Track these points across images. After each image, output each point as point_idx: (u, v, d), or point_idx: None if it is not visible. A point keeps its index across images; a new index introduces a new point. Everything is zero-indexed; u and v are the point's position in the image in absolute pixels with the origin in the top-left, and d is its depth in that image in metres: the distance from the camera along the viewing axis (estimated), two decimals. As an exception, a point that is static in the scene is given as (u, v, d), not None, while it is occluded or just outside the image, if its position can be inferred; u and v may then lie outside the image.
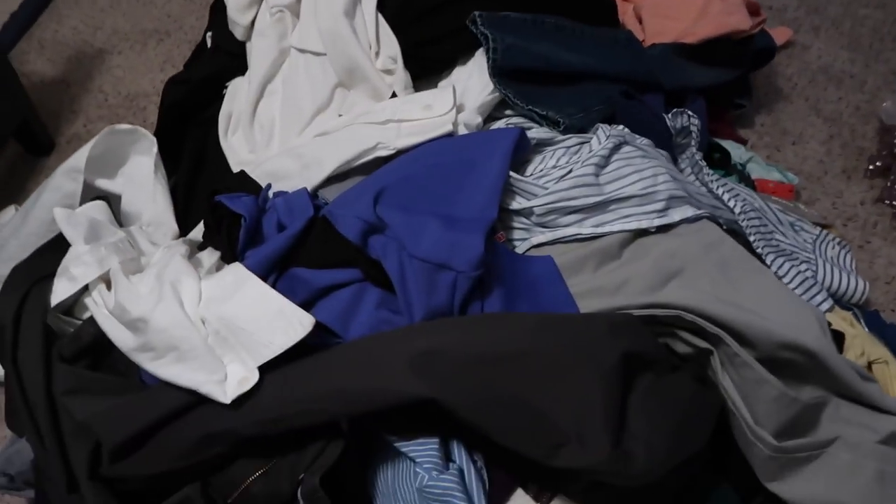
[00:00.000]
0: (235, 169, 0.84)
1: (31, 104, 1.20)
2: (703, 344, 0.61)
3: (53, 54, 1.48)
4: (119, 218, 0.89)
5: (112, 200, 0.90)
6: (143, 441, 0.59)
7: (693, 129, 0.82)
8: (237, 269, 0.62)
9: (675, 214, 0.67)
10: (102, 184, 0.89)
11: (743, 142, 1.13)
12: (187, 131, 0.88)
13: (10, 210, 1.02)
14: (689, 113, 0.83)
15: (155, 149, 0.86)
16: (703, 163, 0.81)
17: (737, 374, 0.59)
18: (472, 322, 0.58)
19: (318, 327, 0.58)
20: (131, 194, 0.88)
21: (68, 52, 1.49)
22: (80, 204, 0.86)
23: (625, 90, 0.83)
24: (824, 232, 0.92)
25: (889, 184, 1.08)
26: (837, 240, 0.92)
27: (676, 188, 0.68)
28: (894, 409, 0.61)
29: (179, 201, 0.86)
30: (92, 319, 0.67)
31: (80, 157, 0.86)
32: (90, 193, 0.90)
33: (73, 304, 0.72)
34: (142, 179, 0.87)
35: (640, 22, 1.08)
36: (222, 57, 0.94)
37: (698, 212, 0.68)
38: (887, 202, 1.06)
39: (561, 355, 0.54)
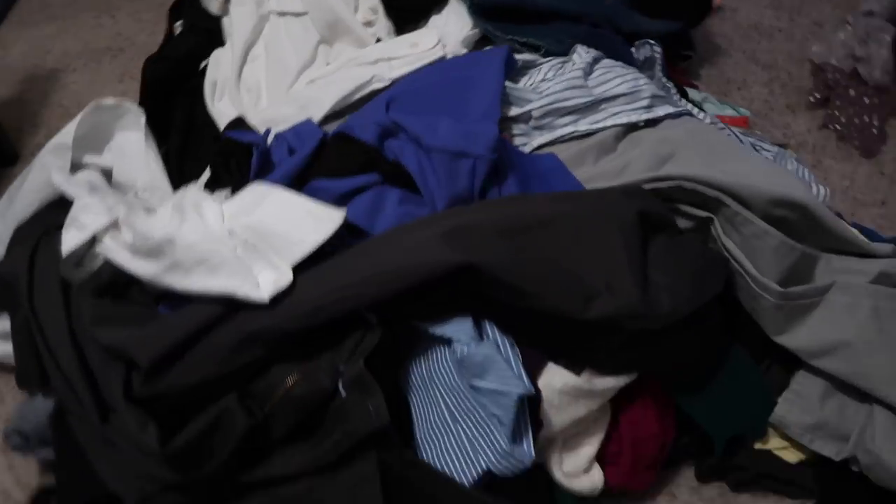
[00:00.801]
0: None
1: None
2: (703, 213, 0.65)
3: (6, 77, 1.47)
4: (110, 190, 0.89)
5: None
6: (179, 355, 0.59)
7: (657, 56, 0.88)
8: (256, 186, 0.63)
9: (660, 110, 0.72)
10: (90, 159, 0.89)
11: (694, 87, 1.21)
12: (174, 102, 0.89)
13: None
14: (652, 42, 0.90)
15: (143, 119, 0.87)
16: (671, 84, 0.87)
17: (737, 234, 0.64)
18: (496, 202, 0.61)
19: (345, 227, 0.60)
20: (122, 166, 0.88)
21: (20, 75, 1.47)
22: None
23: (591, 26, 0.89)
24: (782, 150, 0.99)
25: (830, 111, 1.17)
26: (794, 156, 1.00)
27: (657, 89, 0.74)
28: (880, 253, 0.66)
29: (172, 168, 0.86)
30: (108, 261, 0.67)
31: (66, 134, 0.86)
32: (76, 171, 0.90)
33: (83, 256, 0.71)
34: (131, 150, 0.88)
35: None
36: (198, 34, 0.96)
37: (680, 108, 0.74)
38: (830, 126, 1.16)
39: (583, 218, 0.57)
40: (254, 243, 0.60)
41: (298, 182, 0.66)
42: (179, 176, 0.85)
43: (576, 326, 0.59)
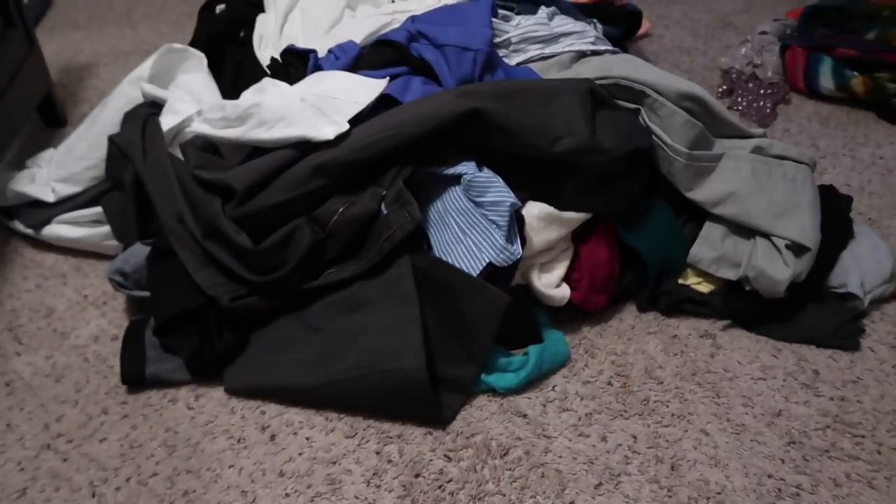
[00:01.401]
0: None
1: (52, 82, 1.40)
2: (633, 105, 0.92)
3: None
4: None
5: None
6: (266, 184, 0.81)
7: (600, 30, 1.18)
8: (318, 73, 0.88)
9: (601, 46, 1.01)
10: (152, 90, 1.11)
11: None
12: (227, 50, 1.14)
13: (50, 150, 1.20)
14: (595, 21, 1.20)
15: (205, 62, 1.11)
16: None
17: (657, 116, 0.91)
18: (492, 81, 0.86)
19: (384, 98, 0.84)
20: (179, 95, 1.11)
21: (56, 68, 1.69)
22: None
23: (550, 7, 1.18)
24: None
25: (734, 98, 1.50)
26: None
27: (600, 35, 1.02)
28: (755, 134, 0.95)
29: (226, 96, 1.10)
30: (197, 135, 0.89)
31: (143, 69, 1.09)
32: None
33: (176, 134, 0.93)
34: (191, 84, 1.11)
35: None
36: (243, 5, 1.21)
37: (616, 49, 1.02)
38: (735, 108, 1.48)
39: (552, 87, 0.83)
40: (319, 106, 0.84)
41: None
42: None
43: (548, 166, 0.84)
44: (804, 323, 0.91)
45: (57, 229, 1.03)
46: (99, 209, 1.02)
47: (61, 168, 1.07)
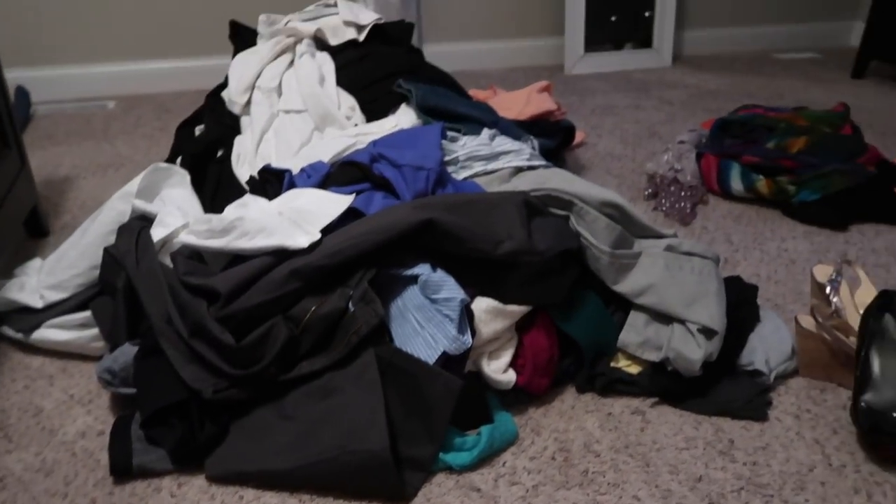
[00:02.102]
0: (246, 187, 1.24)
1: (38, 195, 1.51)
2: (563, 212, 1.08)
3: (27, 179, 1.78)
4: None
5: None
6: (247, 287, 0.93)
7: (535, 143, 1.37)
8: (293, 189, 1.02)
9: (537, 162, 1.18)
10: (142, 205, 1.23)
11: (566, 183, 1.71)
12: (208, 168, 1.28)
13: (37, 260, 1.30)
14: (532, 138, 1.38)
15: (188, 178, 1.24)
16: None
17: (583, 221, 1.07)
18: (443, 195, 1.01)
19: (350, 211, 0.98)
20: (168, 210, 1.23)
21: (38, 180, 1.80)
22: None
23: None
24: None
25: (658, 200, 1.69)
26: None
27: (534, 153, 1.20)
28: (667, 235, 1.11)
29: (206, 210, 1.23)
30: (185, 245, 1.01)
31: (133, 185, 1.21)
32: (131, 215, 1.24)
33: (164, 245, 1.05)
34: (177, 199, 1.24)
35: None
36: (223, 128, 1.37)
37: (549, 164, 1.20)
38: (659, 209, 1.67)
39: (493, 199, 0.98)
40: (295, 219, 0.97)
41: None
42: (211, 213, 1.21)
43: (492, 266, 0.98)
44: (719, 397, 1.04)
45: (45, 333, 1.12)
46: (86, 313, 1.11)
47: (50, 276, 1.17)
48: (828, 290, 1.19)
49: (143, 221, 1.08)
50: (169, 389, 0.94)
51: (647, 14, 2.92)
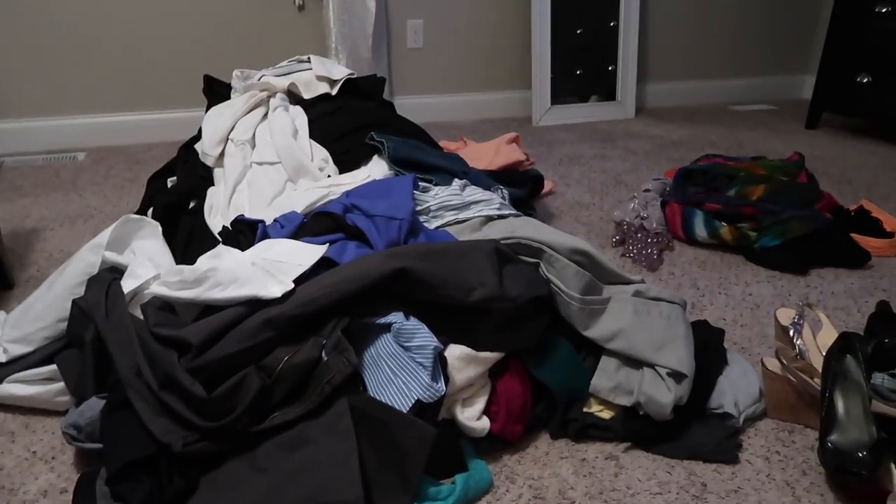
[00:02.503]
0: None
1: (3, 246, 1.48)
2: (533, 259, 1.10)
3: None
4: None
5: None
6: (219, 337, 0.92)
7: (505, 193, 1.40)
8: (266, 240, 1.02)
9: (507, 211, 1.20)
10: (113, 257, 1.23)
11: (536, 231, 1.74)
12: (180, 219, 1.28)
13: (1, 314, 1.28)
14: (502, 187, 1.42)
15: (160, 230, 1.24)
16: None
17: (553, 268, 1.09)
18: (415, 244, 1.02)
19: (323, 260, 0.99)
20: (139, 261, 1.22)
21: (5, 232, 1.78)
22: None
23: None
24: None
25: (626, 247, 1.73)
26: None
27: (503, 202, 1.22)
28: (635, 281, 1.14)
29: (178, 260, 1.22)
30: (155, 296, 1.01)
31: (103, 236, 1.21)
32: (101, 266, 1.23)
33: (134, 297, 1.04)
34: (148, 250, 1.23)
35: (460, 162, 1.71)
36: (196, 179, 1.38)
37: (518, 213, 1.22)
38: (625, 255, 1.70)
39: (465, 248, 1.00)
40: (268, 269, 0.97)
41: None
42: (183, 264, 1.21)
43: (465, 314, 0.99)
44: (691, 441, 1.05)
45: (8, 388, 1.09)
46: (51, 367, 1.09)
47: (15, 329, 1.15)
48: (791, 332, 1.23)
49: (113, 273, 1.07)
50: (137, 443, 0.92)
51: (610, 68, 3.04)
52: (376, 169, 1.32)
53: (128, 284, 1.03)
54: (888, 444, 0.97)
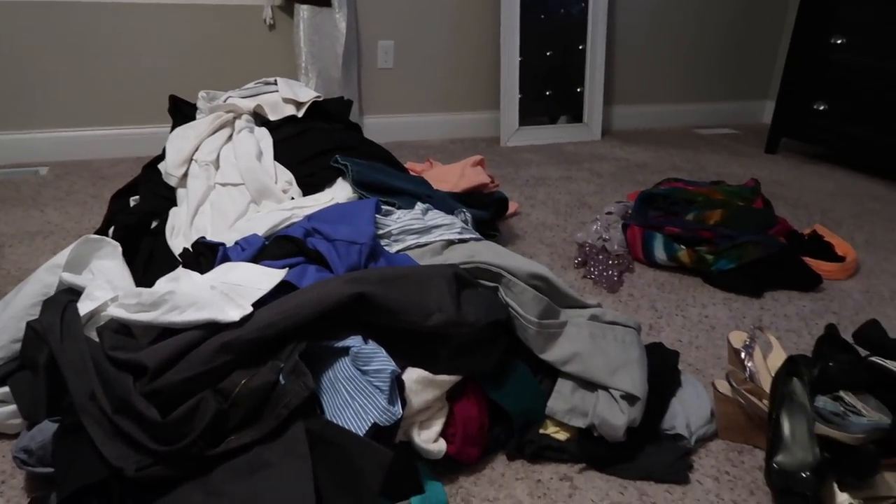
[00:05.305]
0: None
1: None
2: (492, 284, 1.13)
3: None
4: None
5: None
6: (176, 360, 0.92)
7: (468, 216, 1.42)
8: (226, 263, 1.03)
9: (468, 235, 1.22)
10: (70, 278, 1.22)
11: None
12: (142, 239, 1.28)
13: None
14: (465, 210, 1.44)
15: (119, 250, 1.24)
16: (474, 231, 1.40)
17: (511, 293, 1.11)
18: (375, 269, 1.04)
19: (283, 284, 1.00)
20: (97, 283, 1.22)
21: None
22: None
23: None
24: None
25: (587, 268, 1.76)
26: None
27: (465, 226, 1.25)
28: (591, 305, 1.16)
29: (138, 281, 1.22)
30: (113, 318, 1.01)
31: (61, 257, 1.20)
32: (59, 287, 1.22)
33: (90, 318, 1.04)
34: (107, 271, 1.23)
35: (425, 184, 1.74)
36: (158, 200, 1.37)
37: (479, 237, 1.25)
38: (588, 277, 1.74)
39: (424, 273, 1.02)
40: (227, 292, 0.98)
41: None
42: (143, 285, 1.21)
43: (423, 338, 1.01)
44: (643, 462, 1.07)
45: (-40, 410, 1.07)
46: (3, 390, 1.07)
47: (-31, 350, 1.13)
48: (742, 355, 1.26)
49: (70, 295, 1.06)
50: (89, 468, 0.91)
51: (578, 90, 3.10)
52: (340, 192, 1.33)
53: (84, 306, 1.03)
54: (830, 465, 1.01)
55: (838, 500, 0.99)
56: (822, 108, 2.79)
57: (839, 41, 2.71)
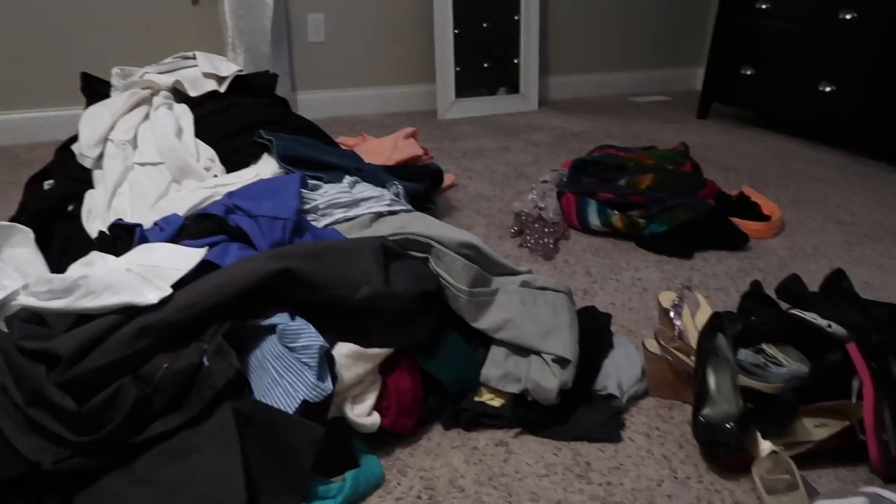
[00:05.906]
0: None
1: None
2: (422, 254, 1.12)
3: None
4: None
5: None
6: (92, 348, 0.89)
7: (399, 189, 1.40)
8: (143, 245, 0.99)
9: (397, 207, 1.21)
10: (-19, 267, 1.16)
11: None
12: (56, 225, 1.22)
13: None
14: (396, 182, 1.42)
15: (32, 236, 1.18)
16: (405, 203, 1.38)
17: (442, 262, 1.10)
18: (300, 244, 1.01)
19: (205, 264, 0.97)
20: (5, 272, 1.16)
21: None
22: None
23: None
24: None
25: (523, 237, 1.77)
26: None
27: (395, 198, 1.23)
28: (522, 271, 1.17)
29: (53, 268, 1.17)
30: (24, 307, 0.96)
31: (-33, 246, 1.14)
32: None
33: (2, 307, 0.98)
34: (18, 259, 1.17)
35: (358, 158, 1.71)
36: (73, 182, 1.31)
37: (410, 208, 1.23)
38: (524, 246, 1.75)
39: (350, 246, 1.00)
40: (144, 274, 0.94)
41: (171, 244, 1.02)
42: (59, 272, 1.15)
43: (352, 312, 0.99)
44: (577, 423, 1.09)
45: None
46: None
47: None
48: (671, 314, 1.29)
49: (-25, 284, 1.01)
50: (3, 464, 0.87)
51: (515, 61, 3.09)
52: (265, 168, 1.30)
53: (-7, 296, 0.97)
54: (754, 415, 1.04)
55: (761, 447, 1.03)
56: (749, 72, 2.86)
57: (765, 6, 2.77)
